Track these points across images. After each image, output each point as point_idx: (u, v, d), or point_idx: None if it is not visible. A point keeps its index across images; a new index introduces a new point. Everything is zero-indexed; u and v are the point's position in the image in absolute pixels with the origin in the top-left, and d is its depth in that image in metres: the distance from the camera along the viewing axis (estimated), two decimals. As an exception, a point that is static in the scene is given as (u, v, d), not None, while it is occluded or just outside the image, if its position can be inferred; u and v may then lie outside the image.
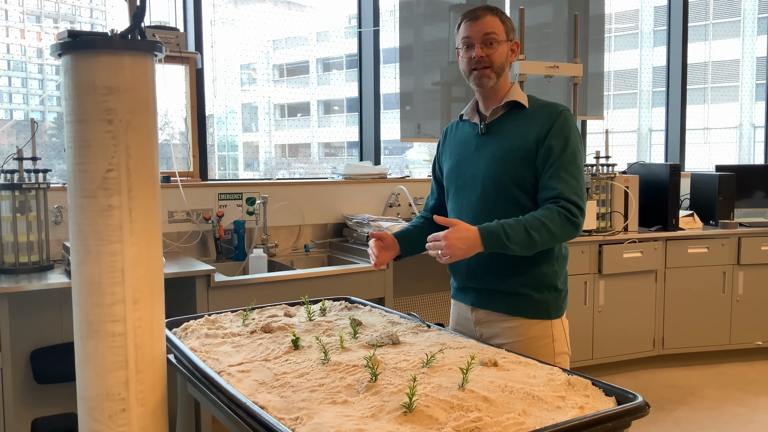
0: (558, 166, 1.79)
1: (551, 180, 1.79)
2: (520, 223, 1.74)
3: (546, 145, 1.81)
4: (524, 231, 1.72)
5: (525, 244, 1.73)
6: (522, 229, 1.72)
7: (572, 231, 1.77)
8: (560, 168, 1.79)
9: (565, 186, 1.77)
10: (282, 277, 2.90)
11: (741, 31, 6.02)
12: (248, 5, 4.22)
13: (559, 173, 1.78)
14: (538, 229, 1.73)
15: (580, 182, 1.81)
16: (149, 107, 1.49)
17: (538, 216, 1.75)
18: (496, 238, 1.71)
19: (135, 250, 1.47)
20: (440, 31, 4.12)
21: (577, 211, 1.77)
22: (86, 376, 1.49)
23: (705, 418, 3.36)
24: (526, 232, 1.72)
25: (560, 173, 1.78)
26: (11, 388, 2.46)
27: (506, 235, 1.71)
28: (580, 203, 1.78)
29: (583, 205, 1.79)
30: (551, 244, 1.80)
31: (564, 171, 1.78)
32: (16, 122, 3.51)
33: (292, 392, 1.36)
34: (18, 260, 2.73)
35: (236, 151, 4.66)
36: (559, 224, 1.74)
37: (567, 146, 1.80)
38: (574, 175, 1.80)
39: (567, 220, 1.75)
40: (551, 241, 1.76)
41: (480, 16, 1.86)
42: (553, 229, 1.74)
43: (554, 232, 1.74)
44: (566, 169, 1.79)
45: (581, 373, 1.43)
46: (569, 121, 1.84)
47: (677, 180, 4.06)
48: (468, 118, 2.00)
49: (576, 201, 1.77)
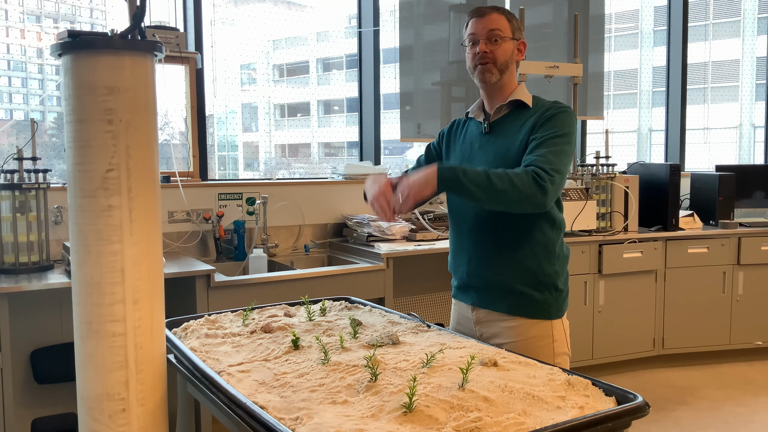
0: (540, 143, 1.75)
1: (529, 154, 1.75)
2: (482, 168, 1.71)
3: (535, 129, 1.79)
4: (484, 173, 1.67)
5: (483, 185, 1.66)
6: (482, 172, 1.68)
7: (537, 192, 1.68)
8: (541, 145, 1.75)
9: (539, 158, 1.72)
10: (282, 277, 2.90)
11: (741, 31, 6.02)
12: (248, 5, 4.22)
13: (539, 148, 1.74)
14: (500, 176, 1.67)
15: (559, 158, 1.74)
16: (149, 107, 1.49)
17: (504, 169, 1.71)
18: (453, 175, 1.67)
19: (135, 250, 1.47)
20: (440, 31, 4.12)
21: (545, 175, 1.69)
22: (86, 376, 1.49)
23: (705, 418, 3.36)
24: (485, 175, 1.67)
25: (539, 148, 1.74)
26: (11, 388, 2.46)
27: (464, 173, 1.67)
28: (549, 170, 1.70)
29: (555, 174, 1.71)
30: (514, 200, 1.69)
31: (544, 147, 1.74)
32: (16, 122, 3.51)
33: (292, 392, 1.36)
34: (18, 260, 2.73)
35: (236, 151, 4.66)
36: (523, 180, 1.68)
37: (556, 131, 1.77)
38: (554, 153, 1.73)
39: (533, 180, 1.68)
40: (513, 193, 1.67)
41: (486, 13, 1.87)
42: (515, 181, 1.67)
43: (516, 185, 1.66)
44: (547, 146, 1.74)
45: (581, 373, 1.43)
46: (566, 114, 1.82)
47: (677, 180, 4.06)
48: (474, 116, 2.00)
49: (545, 168, 1.70)
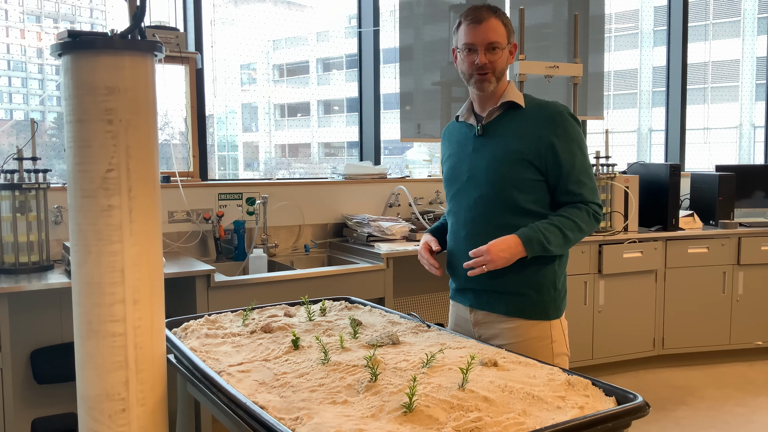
0: (577, 172, 1.85)
1: (572, 185, 1.85)
2: (553, 224, 1.81)
3: (555, 150, 1.82)
4: (560, 232, 1.81)
5: (562, 244, 1.82)
6: (557, 231, 1.80)
7: (596, 225, 1.89)
8: (580, 173, 1.85)
9: (585, 190, 1.86)
10: (282, 277, 2.90)
11: (741, 31, 6.02)
12: (248, 5, 4.22)
13: (579, 178, 1.85)
14: (572, 228, 1.82)
15: (594, 182, 1.91)
16: (149, 107, 1.49)
17: (568, 215, 1.83)
18: (537, 241, 1.78)
19: (135, 250, 1.47)
20: (440, 31, 4.12)
21: (598, 208, 1.88)
22: (86, 376, 1.49)
23: (705, 418, 3.36)
24: (561, 233, 1.81)
25: (580, 178, 1.85)
26: (11, 388, 2.46)
27: (546, 238, 1.79)
28: (600, 202, 1.89)
29: (600, 200, 1.90)
30: (583, 237, 1.89)
31: (583, 175, 1.86)
32: (16, 122, 3.51)
33: (292, 392, 1.36)
34: (18, 260, 2.72)
35: (236, 151, 4.66)
36: (588, 222, 1.85)
37: (578, 150, 1.86)
38: (591, 177, 1.89)
39: (594, 219, 1.86)
40: (581, 238, 1.87)
41: (483, 20, 1.83)
42: (583, 227, 1.84)
43: (584, 230, 1.85)
44: (584, 172, 1.87)
45: (581, 373, 1.43)
46: (572, 122, 1.84)
47: (677, 180, 4.06)
48: (464, 119, 1.98)
49: (598, 201, 1.88)
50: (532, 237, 1.78)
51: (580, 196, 1.85)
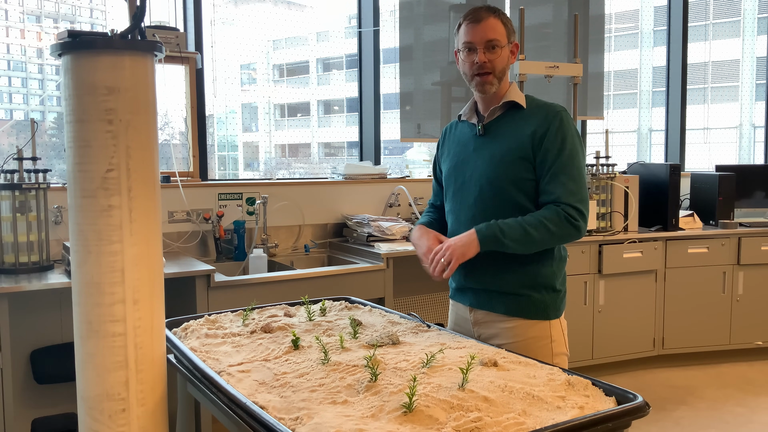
0: (556, 169, 1.79)
1: (549, 184, 1.80)
2: (516, 221, 1.77)
3: (543, 147, 1.81)
4: (520, 227, 1.75)
5: (521, 240, 1.75)
6: (518, 226, 1.75)
7: (573, 232, 1.78)
8: (559, 171, 1.79)
9: (562, 190, 1.78)
10: (282, 277, 2.90)
11: (741, 31, 6.02)
12: (248, 5, 4.22)
13: (558, 177, 1.79)
14: (535, 226, 1.75)
15: (580, 184, 1.81)
16: (149, 107, 1.49)
17: (537, 215, 1.78)
18: (491, 234, 1.75)
19: (135, 250, 1.47)
20: (440, 31, 4.12)
21: (576, 214, 1.77)
22: (86, 376, 1.49)
23: (705, 418, 3.36)
24: (522, 228, 1.75)
25: (558, 177, 1.79)
26: (11, 388, 2.46)
27: (501, 231, 1.74)
28: (579, 206, 1.78)
29: (583, 208, 1.79)
30: (551, 244, 1.82)
31: (562, 174, 1.79)
32: (16, 122, 3.51)
33: (292, 392, 1.36)
34: (18, 260, 2.73)
35: (236, 151, 4.66)
36: (557, 223, 1.76)
37: (564, 148, 1.80)
38: (573, 178, 1.80)
39: (567, 221, 1.76)
40: (550, 239, 1.78)
41: (482, 19, 1.84)
42: (551, 227, 1.75)
43: (552, 231, 1.76)
44: (564, 172, 1.79)
45: (581, 373, 1.43)
46: (566, 122, 1.83)
47: (677, 180, 4.06)
48: (466, 118, 1.99)
49: (574, 204, 1.77)
50: (488, 228, 1.77)
51: (554, 196, 1.79)
